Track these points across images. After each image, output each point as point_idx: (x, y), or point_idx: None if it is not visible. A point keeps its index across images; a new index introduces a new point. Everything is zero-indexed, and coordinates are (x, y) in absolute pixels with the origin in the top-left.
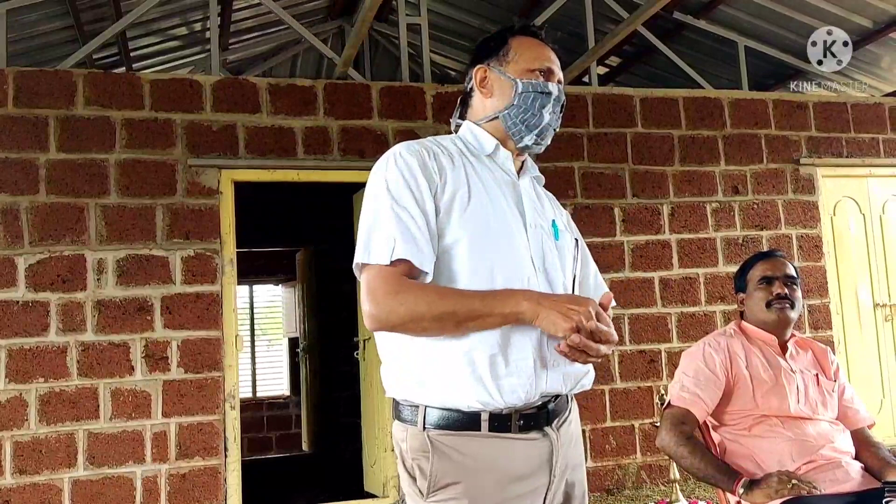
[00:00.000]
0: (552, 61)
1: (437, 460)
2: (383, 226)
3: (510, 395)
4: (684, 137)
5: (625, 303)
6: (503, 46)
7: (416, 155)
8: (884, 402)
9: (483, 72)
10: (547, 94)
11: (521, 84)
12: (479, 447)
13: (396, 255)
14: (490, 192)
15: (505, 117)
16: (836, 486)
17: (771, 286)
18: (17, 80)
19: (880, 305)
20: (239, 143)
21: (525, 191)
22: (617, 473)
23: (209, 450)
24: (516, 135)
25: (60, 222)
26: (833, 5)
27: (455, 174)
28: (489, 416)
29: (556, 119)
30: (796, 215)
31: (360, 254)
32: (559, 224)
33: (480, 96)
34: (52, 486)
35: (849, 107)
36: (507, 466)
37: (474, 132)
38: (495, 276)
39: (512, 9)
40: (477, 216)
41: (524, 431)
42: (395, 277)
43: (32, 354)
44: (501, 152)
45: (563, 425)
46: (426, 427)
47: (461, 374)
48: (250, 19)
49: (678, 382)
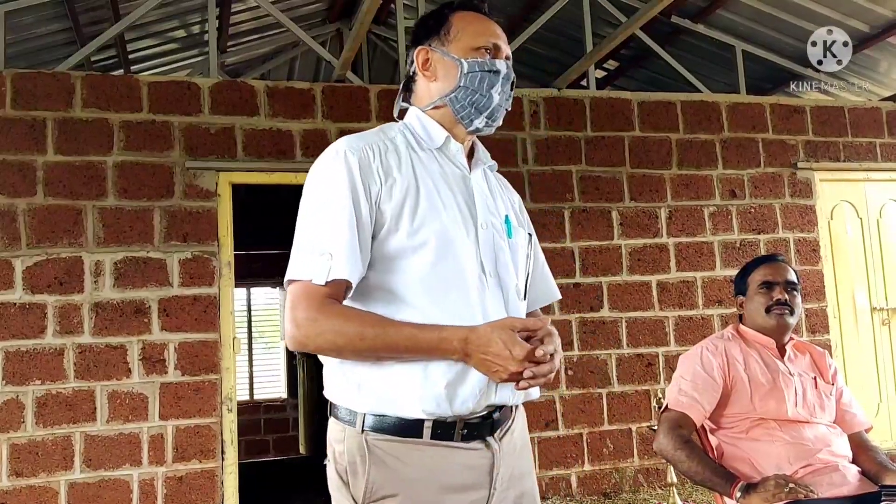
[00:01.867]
0: (498, 36)
1: (374, 468)
2: (319, 239)
3: (460, 405)
4: (682, 141)
5: (622, 306)
6: (444, 24)
7: (358, 154)
8: (881, 406)
9: (425, 53)
10: (495, 72)
11: (467, 64)
12: (419, 455)
13: (332, 276)
14: (441, 192)
15: (452, 101)
16: (833, 489)
17: (772, 291)
18: (15, 82)
19: (877, 309)
20: (237, 146)
21: (477, 185)
22: (614, 477)
23: (206, 453)
24: (465, 118)
25: (58, 224)
26: (830, 10)
27: (403, 175)
28: (432, 423)
29: (506, 98)
30: (794, 219)
31: (290, 269)
32: (512, 220)
33: (424, 80)
34: (48, 488)
35: (846, 111)
36: (447, 477)
37: (422, 122)
38: (447, 286)
39: (508, 12)
40: (427, 222)
41: (466, 441)
42: (319, 301)
43: (29, 356)
44: (452, 145)
45: (506, 435)
46: (364, 429)
47: (411, 383)
48: (248, 22)
49: (676, 386)
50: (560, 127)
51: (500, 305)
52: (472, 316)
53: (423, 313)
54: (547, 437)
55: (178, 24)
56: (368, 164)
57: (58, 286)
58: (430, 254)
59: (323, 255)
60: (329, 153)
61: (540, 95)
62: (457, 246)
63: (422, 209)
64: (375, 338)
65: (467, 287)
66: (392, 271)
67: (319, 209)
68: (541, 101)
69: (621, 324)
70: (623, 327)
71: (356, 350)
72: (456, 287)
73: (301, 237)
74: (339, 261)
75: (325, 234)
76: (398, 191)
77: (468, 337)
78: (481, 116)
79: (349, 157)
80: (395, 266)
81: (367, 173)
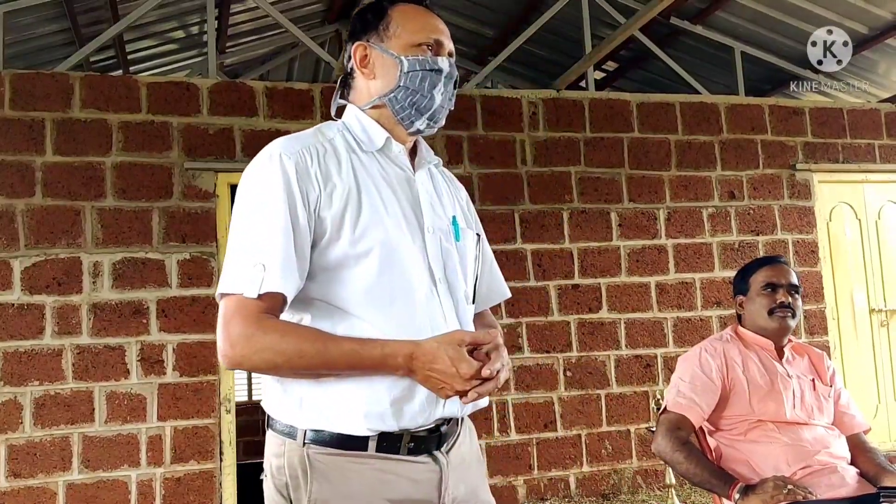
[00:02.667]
0: (441, 32)
1: (317, 483)
2: (251, 249)
3: (408, 421)
4: (681, 142)
5: (621, 307)
6: (383, 19)
7: (295, 158)
8: (879, 408)
9: (363, 49)
10: (437, 71)
11: (407, 62)
12: (363, 469)
13: (265, 289)
14: (384, 196)
15: (391, 101)
16: (832, 491)
17: (775, 294)
18: (14, 83)
19: (876, 311)
20: (236, 147)
21: (422, 187)
22: (613, 478)
23: (204, 453)
24: (406, 119)
25: (56, 225)
26: (829, 11)
27: (343, 179)
28: (378, 436)
29: (448, 98)
30: (792, 221)
31: (221, 282)
32: (460, 221)
33: (363, 77)
34: (46, 489)
35: (845, 112)
36: (393, 491)
37: (362, 122)
38: (393, 296)
39: (508, 12)
40: (370, 229)
41: (412, 454)
42: (254, 317)
43: (28, 357)
44: (394, 146)
45: (454, 449)
46: (306, 442)
47: (355, 400)
48: (247, 23)
49: (674, 388)
50: (559, 128)
51: (452, 312)
52: (419, 327)
53: (369, 325)
54: (545, 439)
55: (177, 24)
56: (306, 168)
57: (56, 287)
58: (374, 262)
59: (255, 267)
60: (263, 157)
61: (539, 96)
62: (402, 253)
63: (364, 216)
64: (315, 355)
65: (414, 296)
66: (334, 282)
67: (252, 217)
68: (539, 103)
69: (620, 325)
70: (622, 328)
71: (294, 368)
72: (402, 297)
73: (232, 248)
74: (272, 272)
75: (257, 244)
76: (338, 197)
77: (413, 353)
78: (422, 118)
79: (285, 162)
80: (338, 276)
81: (305, 178)
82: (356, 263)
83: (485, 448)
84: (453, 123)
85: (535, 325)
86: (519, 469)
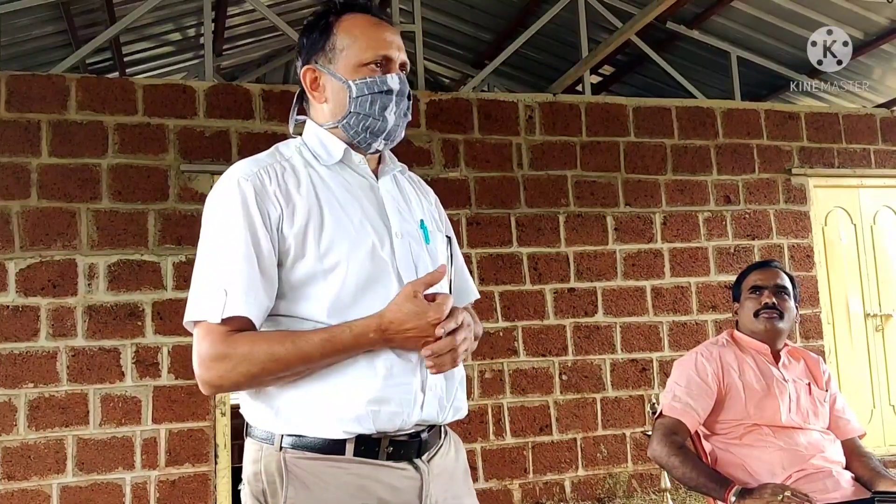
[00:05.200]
0: (389, 45)
1: (294, 488)
2: (213, 275)
3: (386, 422)
4: (677, 147)
5: (617, 311)
6: (328, 38)
7: (252, 180)
8: (874, 413)
9: (312, 73)
10: (387, 92)
11: (356, 87)
12: (341, 474)
13: (228, 313)
14: (347, 207)
15: (345, 127)
16: (827, 495)
17: (760, 296)
18: (10, 85)
19: (871, 315)
20: (232, 150)
21: (387, 193)
22: (608, 482)
23: (199, 456)
24: (362, 143)
25: (52, 227)
26: (825, 17)
27: (304, 196)
28: (355, 439)
29: (402, 115)
30: (788, 225)
31: (188, 310)
32: (428, 224)
33: (315, 101)
34: (40, 492)
35: (840, 117)
36: (372, 497)
37: (320, 137)
38: (364, 308)
39: (505, 16)
40: (336, 243)
41: (392, 460)
42: (222, 339)
43: (22, 359)
44: (354, 156)
45: (436, 458)
46: (283, 447)
47: (331, 405)
48: (244, 25)
49: (670, 392)
50: (555, 132)
51: None
52: None
53: None
54: (541, 442)
55: (174, 27)
56: (264, 189)
57: (51, 289)
58: (342, 275)
59: (218, 292)
60: (222, 183)
61: (535, 100)
62: (372, 263)
63: (328, 230)
64: (288, 354)
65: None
66: (303, 299)
67: (212, 244)
68: (536, 107)
69: (615, 329)
70: (617, 332)
71: (272, 373)
72: (373, 305)
73: (196, 276)
74: (234, 297)
75: (218, 269)
76: (300, 214)
77: (380, 324)
78: (378, 139)
79: (243, 185)
80: (307, 293)
81: (264, 199)
82: (324, 278)
83: (480, 452)
84: (450, 127)
85: (531, 328)
86: (514, 473)
